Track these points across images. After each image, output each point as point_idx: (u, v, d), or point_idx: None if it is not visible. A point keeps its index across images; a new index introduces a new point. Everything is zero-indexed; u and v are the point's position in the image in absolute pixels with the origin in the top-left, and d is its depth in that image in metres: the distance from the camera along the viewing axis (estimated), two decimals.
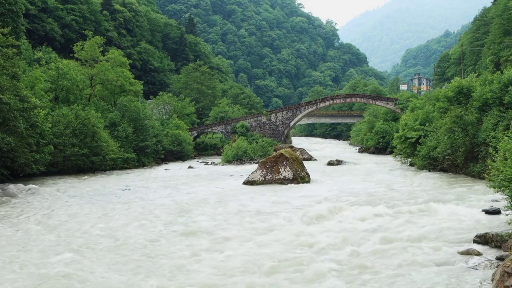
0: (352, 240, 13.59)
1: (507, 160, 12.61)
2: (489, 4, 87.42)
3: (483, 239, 12.70)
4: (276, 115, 66.65)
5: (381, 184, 26.53)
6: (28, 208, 20.31)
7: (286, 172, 27.82)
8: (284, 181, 27.35)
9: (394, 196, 21.42)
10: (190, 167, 42.94)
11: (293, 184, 26.92)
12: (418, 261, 11.38)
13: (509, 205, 12.95)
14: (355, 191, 23.82)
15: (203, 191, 25.33)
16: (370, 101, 66.22)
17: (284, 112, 66.84)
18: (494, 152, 14.57)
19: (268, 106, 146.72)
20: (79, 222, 17.22)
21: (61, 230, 15.83)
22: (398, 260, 11.59)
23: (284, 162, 28.19)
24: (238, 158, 48.64)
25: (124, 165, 40.70)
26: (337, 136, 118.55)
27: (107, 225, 16.69)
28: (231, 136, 65.54)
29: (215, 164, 46.69)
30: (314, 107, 68.04)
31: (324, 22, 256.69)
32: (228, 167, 43.18)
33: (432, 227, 14.81)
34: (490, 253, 11.73)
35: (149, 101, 68.77)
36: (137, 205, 20.83)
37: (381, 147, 56.84)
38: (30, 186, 26.77)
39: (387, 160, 44.64)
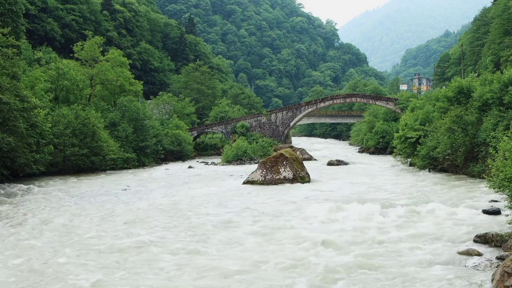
0: (351, 240, 13.59)
1: (507, 160, 12.60)
2: (489, 4, 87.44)
3: (483, 239, 12.70)
4: (276, 115, 66.65)
5: (381, 184, 26.52)
6: (27, 208, 20.30)
7: (286, 172, 27.81)
8: (284, 181, 27.34)
9: (394, 196, 21.42)
10: (190, 167, 42.94)
11: (293, 184, 26.91)
12: (418, 261, 11.38)
13: (509, 205, 12.94)
14: (355, 191, 23.81)
15: (203, 191, 25.32)
16: (370, 101, 66.22)
17: (284, 112, 66.84)
18: (494, 152, 14.56)
19: (268, 106, 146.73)
20: (77, 222, 17.21)
21: (58, 231, 15.81)
22: (398, 260, 11.59)
23: (284, 162, 28.19)
24: (238, 158, 48.65)
25: (124, 165, 40.70)
26: (337, 136, 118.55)
27: (105, 226, 16.67)
28: (231, 136, 65.54)
29: (215, 164, 46.68)
30: (314, 107, 68.04)
31: (324, 22, 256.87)
32: (228, 167, 43.18)
33: (432, 227, 14.82)
34: (490, 253, 11.73)
35: (149, 101, 68.77)
36: (137, 206, 20.81)
37: (381, 147, 56.84)
38: (30, 186, 26.81)
39: (387, 160, 44.63)
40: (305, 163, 33.33)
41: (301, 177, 28.07)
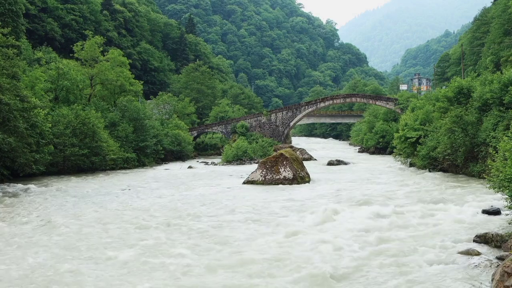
0: (351, 240, 13.58)
1: (507, 160, 12.60)
2: (489, 4, 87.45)
3: (483, 239, 12.69)
4: (276, 115, 66.66)
5: (381, 184, 26.53)
6: (27, 208, 20.28)
7: (286, 172, 27.81)
8: (284, 181, 27.33)
9: (394, 196, 21.41)
10: (190, 167, 42.94)
11: (293, 184, 26.90)
12: (418, 261, 11.38)
13: (509, 205, 12.94)
14: (355, 191, 23.81)
15: (203, 191, 25.32)
16: (370, 101, 66.25)
17: (284, 112, 66.85)
18: (494, 152, 14.57)
19: (268, 106, 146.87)
20: (77, 222, 17.19)
21: (57, 231, 15.80)
22: (398, 260, 11.58)
23: (284, 162, 28.18)
24: (238, 158, 48.66)
25: (124, 165, 40.69)
26: (337, 136, 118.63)
27: (104, 226, 16.66)
28: (231, 136, 65.57)
29: (215, 164, 46.69)
30: (314, 107, 68.05)
31: (324, 22, 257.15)
32: (228, 167, 43.17)
33: (432, 227, 14.81)
34: (490, 253, 11.72)
35: (149, 101, 68.80)
36: (137, 206, 20.80)
37: (381, 147, 56.88)
38: (30, 186, 26.80)
39: (387, 160, 44.63)
40: (305, 163, 33.33)
41: (301, 177, 28.06)
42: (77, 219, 17.66)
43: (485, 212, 16.33)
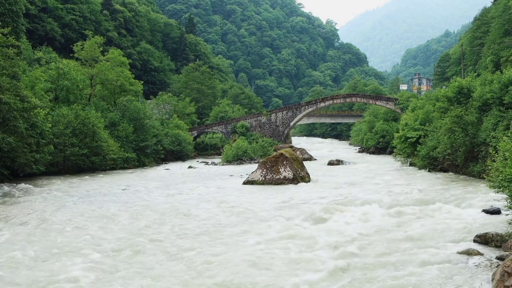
0: (351, 240, 13.59)
1: (507, 160, 12.59)
2: (489, 4, 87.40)
3: (483, 239, 12.70)
4: (276, 115, 66.67)
5: (380, 184, 26.53)
6: (27, 208, 20.28)
7: (286, 172, 27.81)
8: (284, 181, 27.34)
9: (394, 196, 21.41)
10: (190, 167, 42.95)
11: (293, 184, 26.90)
12: (418, 261, 11.38)
13: (509, 205, 12.94)
14: (355, 191, 23.81)
15: (203, 191, 25.32)
16: (370, 101, 66.25)
17: (284, 112, 66.85)
18: (494, 152, 14.56)
19: (268, 106, 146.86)
20: (76, 222, 17.18)
21: (57, 231, 15.80)
22: (398, 260, 11.58)
23: (284, 162, 28.18)
24: (238, 158, 48.68)
25: (124, 165, 40.70)
26: (337, 136, 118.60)
27: (103, 226, 16.66)
28: (231, 136, 65.58)
29: (215, 164, 46.70)
30: (314, 107, 68.05)
31: (324, 22, 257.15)
32: (228, 167, 43.18)
33: (432, 227, 14.81)
34: (490, 253, 11.73)
35: (149, 101, 68.82)
36: (137, 206, 20.80)
37: (381, 147, 56.87)
38: (30, 186, 26.80)
39: (387, 160, 44.63)
40: (305, 163, 33.33)
41: (301, 177, 28.06)
42: (76, 219, 17.64)
43: (485, 212, 16.33)
